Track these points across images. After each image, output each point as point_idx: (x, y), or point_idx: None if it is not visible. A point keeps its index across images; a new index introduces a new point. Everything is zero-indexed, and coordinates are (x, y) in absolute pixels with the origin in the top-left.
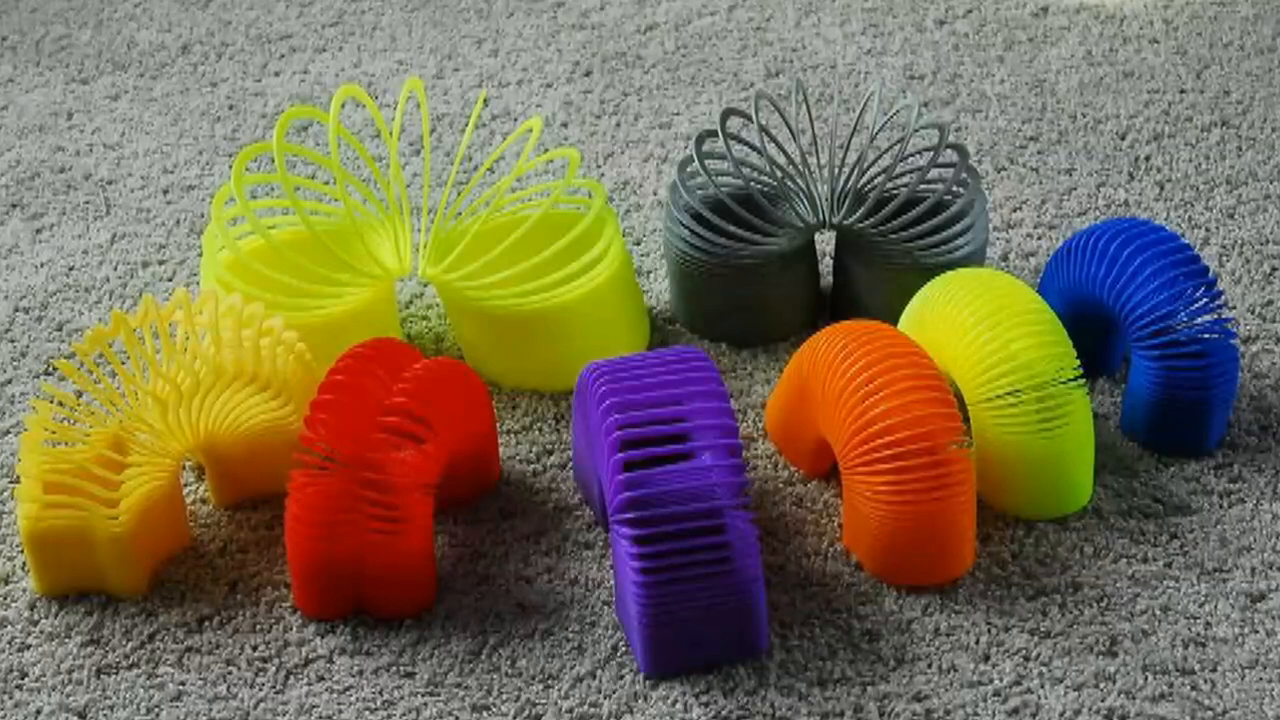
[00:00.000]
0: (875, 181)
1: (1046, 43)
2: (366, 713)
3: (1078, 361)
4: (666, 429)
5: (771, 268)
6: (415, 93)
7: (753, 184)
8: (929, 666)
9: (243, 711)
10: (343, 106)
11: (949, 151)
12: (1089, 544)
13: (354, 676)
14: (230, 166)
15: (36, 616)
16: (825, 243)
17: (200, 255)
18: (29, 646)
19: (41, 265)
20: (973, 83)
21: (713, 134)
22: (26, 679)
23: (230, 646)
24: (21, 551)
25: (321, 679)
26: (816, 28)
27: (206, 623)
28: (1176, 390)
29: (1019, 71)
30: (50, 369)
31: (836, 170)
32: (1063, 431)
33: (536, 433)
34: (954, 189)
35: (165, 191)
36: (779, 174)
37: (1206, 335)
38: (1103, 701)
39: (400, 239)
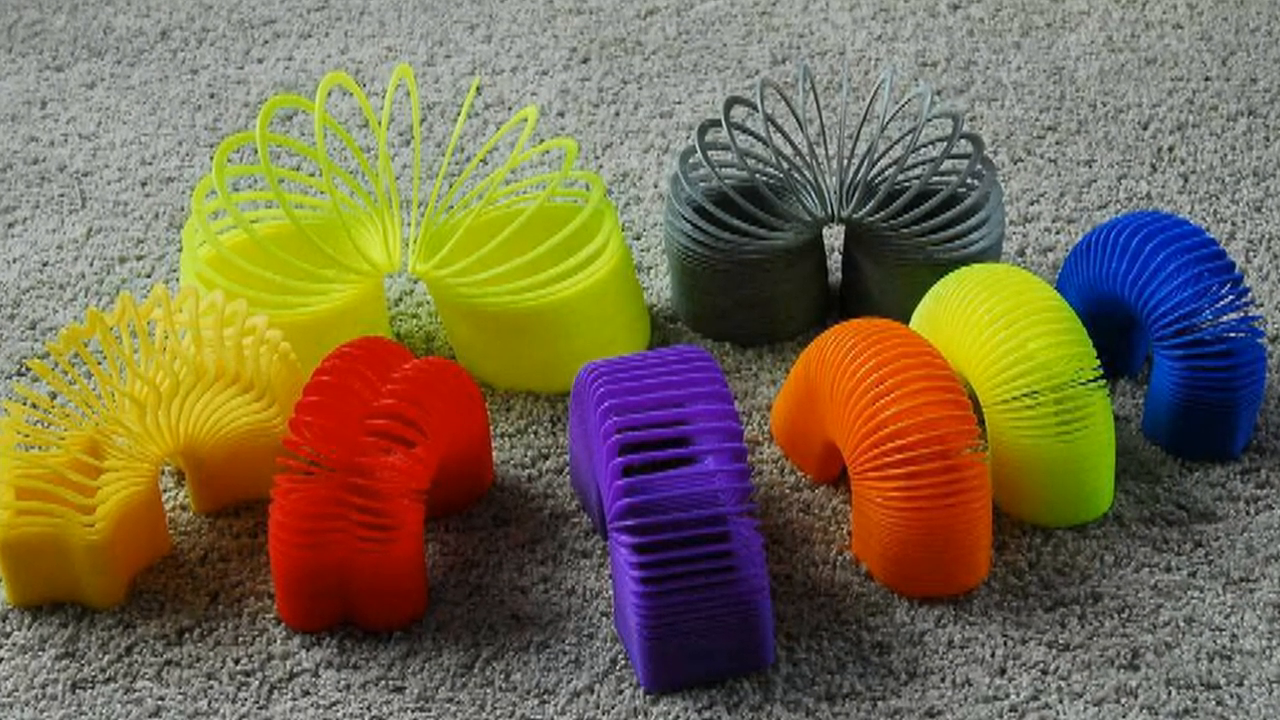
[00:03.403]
0: (886, 173)
1: (1065, 28)
2: None
3: (1098, 362)
4: (668, 432)
5: (777, 263)
6: (405, 80)
7: (758, 176)
8: (942, 681)
9: None
10: (329, 95)
11: (963, 142)
12: (1109, 552)
13: (341, 691)
14: (211, 158)
15: (8, 628)
16: (834, 237)
17: (180, 250)
18: (0, 660)
19: (14, 261)
20: (988, 70)
21: (716, 124)
22: None
23: (211, 660)
24: None
25: (307, 694)
26: (824, 12)
27: (186, 635)
28: (1201, 391)
29: (1036, 58)
30: (23, 369)
31: (845, 162)
32: (1082, 435)
33: (532, 436)
34: (968, 181)
35: (144, 184)
36: (785, 165)
37: (1232, 334)
38: (1124, 717)
39: (389, 233)
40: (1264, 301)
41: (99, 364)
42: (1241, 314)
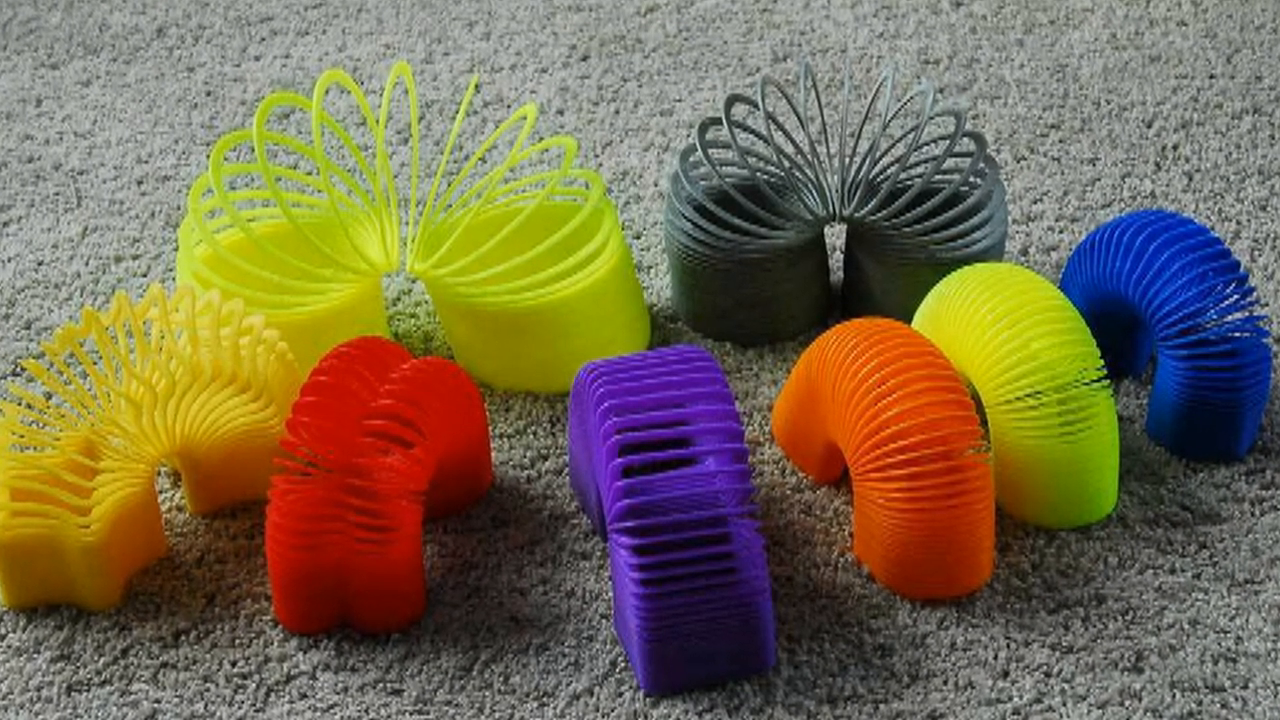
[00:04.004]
0: (888, 172)
1: (1069, 25)
2: None
3: (1101, 362)
4: (668, 433)
5: (779, 263)
6: (403, 78)
7: (759, 174)
8: (945, 683)
9: None
10: (326, 93)
11: (966, 140)
12: (1113, 554)
13: (338, 694)
14: (208, 156)
15: (3, 630)
16: (835, 236)
17: (176, 249)
18: None
19: (9, 260)
20: (991, 67)
21: (717, 122)
22: None
23: (208, 662)
24: None
25: (304, 696)
26: (826, 9)
27: (183, 637)
28: (1206, 392)
29: (1040, 56)
30: (18, 369)
31: (847, 160)
32: (1086, 435)
33: (531, 437)
34: (971, 180)
35: (139, 182)
36: (786, 164)
37: (1237, 334)
38: None
39: (387, 232)
40: (1269, 301)
41: (94, 364)
42: (1246, 314)
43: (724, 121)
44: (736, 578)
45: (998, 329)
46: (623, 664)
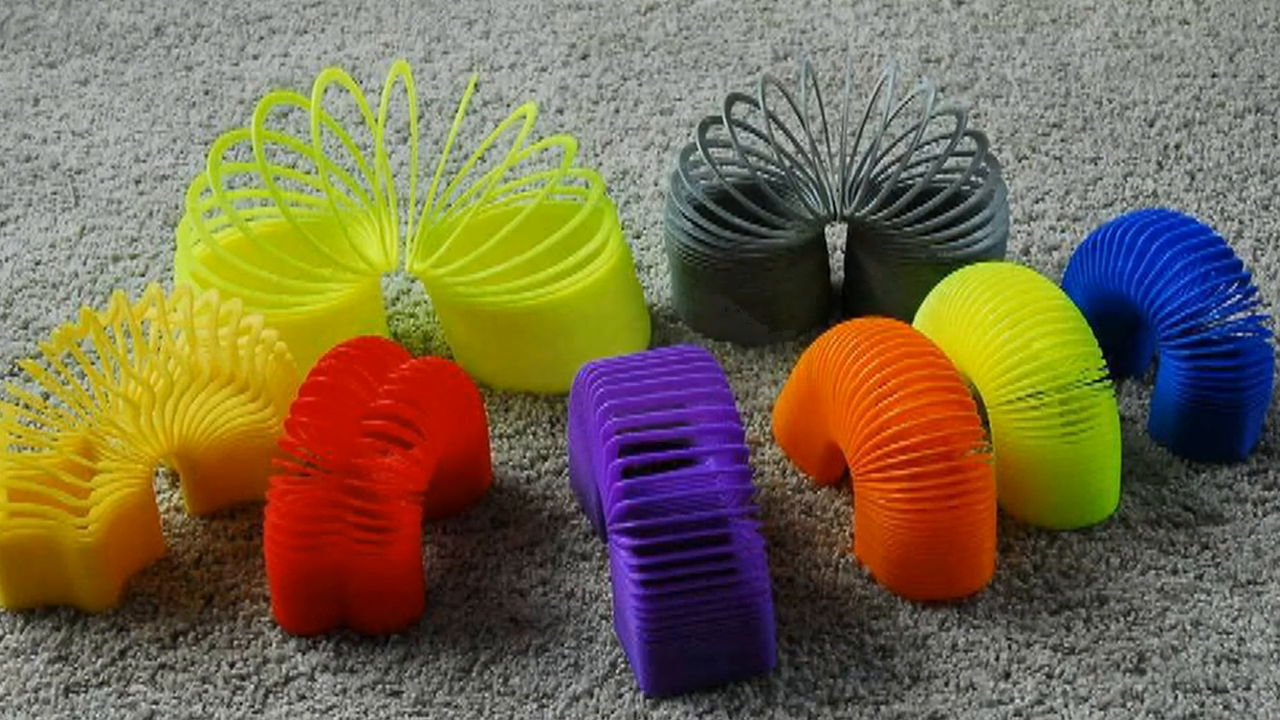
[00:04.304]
0: (889, 171)
1: (1070, 24)
2: None
3: (1103, 362)
4: (668, 433)
5: (779, 262)
6: (402, 77)
7: (759, 174)
8: (946, 685)
9: None
10: (325, 91)
11: (967, 139)
12: (1115, 555)
13: (337, 695)
14: (206, 155)
15: (1, 632)
16: (836, 236)
17: (174, 249)
18: None
19: (6, 260)
20: (992, 66)
21: (717, 121)
22: None
23: (206, 663)
24: None
25: (303, 698)
26: (827, 8)
27: (181, 638)
28: (1208, 392)
29: (1041, 54)
30: (15, 370)
31: (848, 159)
32: (1087, 436)
33: (530, 437)
34: (972, 179)
35: (137, 182)
36: (787, 163)
37: (1240, 334)
38: None
39: (386, 232)
40: (1272, 301)
41: (92, 364)
42: (1249, 313)
43: (724, 120)
44: (737, 579)
45: (999, 329)
46: (623, 665)
